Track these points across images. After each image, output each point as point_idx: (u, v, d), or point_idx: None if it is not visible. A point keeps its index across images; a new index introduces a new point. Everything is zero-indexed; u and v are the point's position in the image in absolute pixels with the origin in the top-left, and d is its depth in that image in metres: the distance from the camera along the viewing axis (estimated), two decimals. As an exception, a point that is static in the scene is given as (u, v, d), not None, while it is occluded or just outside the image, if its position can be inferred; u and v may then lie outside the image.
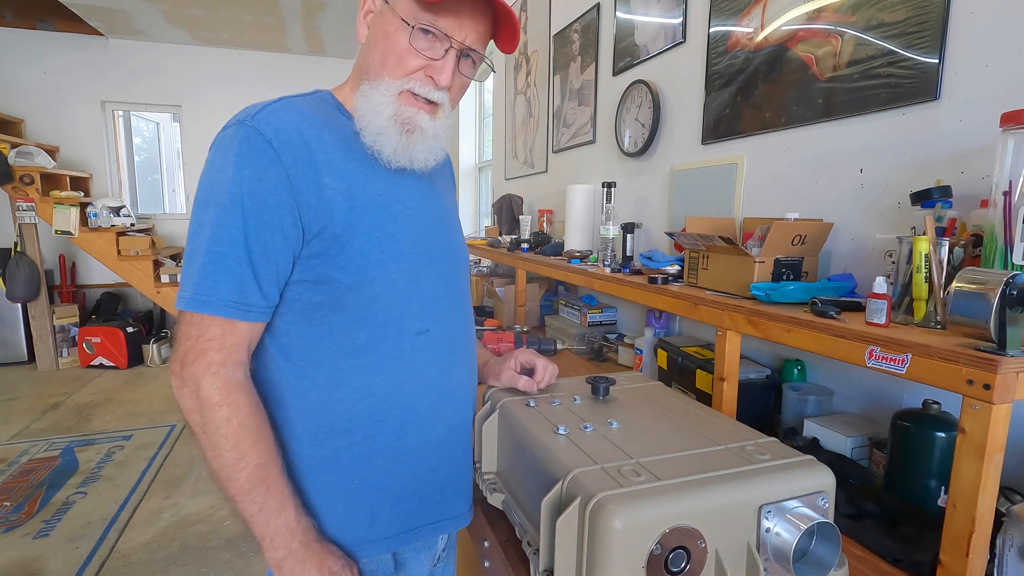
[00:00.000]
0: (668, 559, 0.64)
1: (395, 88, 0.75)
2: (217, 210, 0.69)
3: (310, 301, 0.75)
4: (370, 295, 0.76)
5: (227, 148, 0.70)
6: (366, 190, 0.76)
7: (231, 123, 0.72)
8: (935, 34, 1.10)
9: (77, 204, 4.82)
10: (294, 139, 0.71)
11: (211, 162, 0.72)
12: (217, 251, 0.68)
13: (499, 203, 3.45)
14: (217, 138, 0.73)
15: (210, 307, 0.68)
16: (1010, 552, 0.77)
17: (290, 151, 0.70)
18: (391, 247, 0.77)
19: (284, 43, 5.73)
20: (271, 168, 0.69)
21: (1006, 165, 0.82)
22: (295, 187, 0.70)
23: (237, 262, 0.69)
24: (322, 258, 0.73)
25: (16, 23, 5.25)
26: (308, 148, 0.72)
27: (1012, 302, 0.68)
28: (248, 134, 0.70)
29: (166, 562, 2.26)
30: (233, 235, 0.68)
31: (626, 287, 1.59)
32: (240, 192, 0.68)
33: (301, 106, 0.75)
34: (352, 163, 0.76)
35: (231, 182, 0.68)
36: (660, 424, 0.88)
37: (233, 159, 0.69)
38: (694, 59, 1.83)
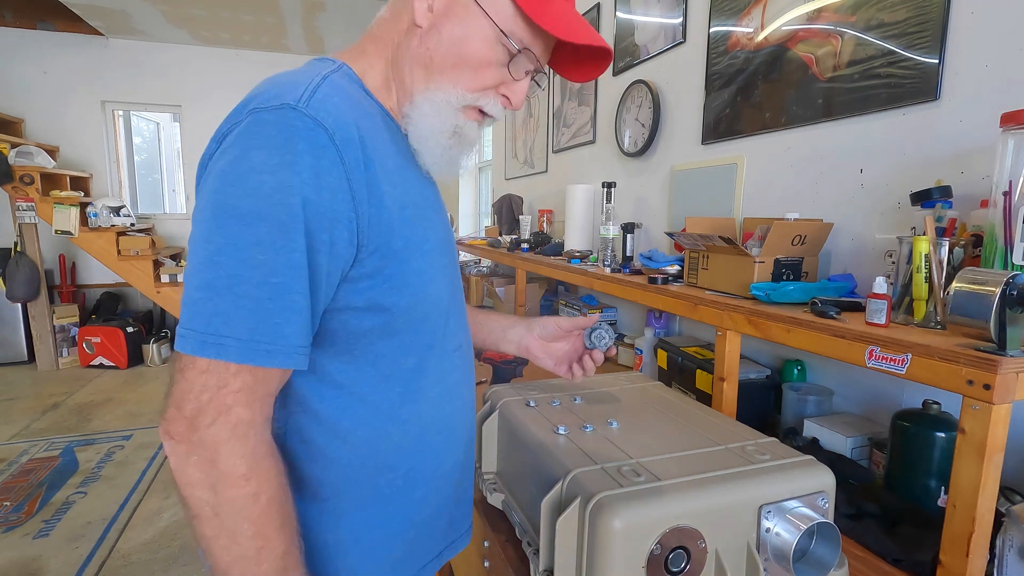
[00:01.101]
0: (668, 559, 0.64)
1: (466, 101, 0.64)
2: (270, 226, 0.51)
3: (356, 329, 0.61)
4: (421, 316, 0.66)
5: (274, 141, 0.52)
6: (410, 195, 0.63)
7: (269, 106, 0.54)
8: (935, 34, 1.10)
9: (77, 204, 4.82)
10: (353, 135, 0.56)
11: (244, 157, 0.52)
12: (277, 283, 0.51)
13: (499, 203, 3.45)
14: (249, 123, 0.54)
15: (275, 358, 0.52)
16: (1010, 552, 0.77)
17: (351, 150, 0.55)
18: (438, 260, 0.67)
19: (284, 43, 5.73)
20: (333, 174, 0.54)
21: (1006, 165, 0.82)
22: (356, 196, 0.56)
23: (303, 296, 0.53)
24: (375, 279, 0.60)
25: (16, 23, 5.25)
26: (364, 146, 0.57)
27: (1012, 302, 0.68)
28: (306, 127, 0.53)
29: (166, 562, 2.26)
30: (296, 260, 0.52)
31: (626, 287, 1.59)
32: (300, 203, 0.52)
33: (345, 87, 0.60)
34: (396, 159, 0.63)
35: (285, 189, 0.51)
36: (660, 424, 0.88)
37: (289, 157, 0.52)
38: (694, 59, 1.83)
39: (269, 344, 0.52)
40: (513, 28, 0.62)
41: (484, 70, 0.64)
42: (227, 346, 0.50)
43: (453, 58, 0.63)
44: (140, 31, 5.35)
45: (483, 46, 0.63)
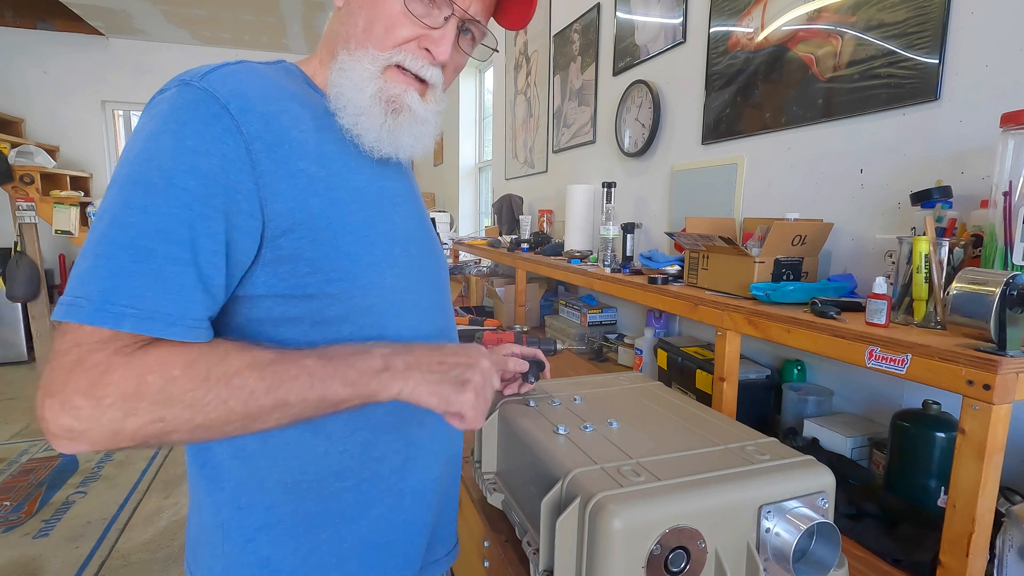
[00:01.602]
0: (668, 559, 0.64)
1: (381, 61, 0.62)
2: (145, 190, 0.50)
3: (282, 316, 0.59)
4: (362, 307, 0.62)
5: (165, 113, 0.53)
6: (348, 180, 0.61)
7: (172, 83, 0.55)
8: (935, 34, 1.10)
9: (77, 204, 4.83)
10: (259, 107, 0.55)
11: (141, 129, 0.54)
12: (143, 246, 0.49)
13: (499, 203, 3.45)
14: (152, 101, 0.55)
15: (127, 322, 0.47)
16: (1010, 552, 0.77)
17: (254, 121, 0.54)
18: (384, 248, 0.63)
19: (284, 43, 5.73)
20: (227, 139, 0.53)
21: (1006, 165, 0.82)
22: (258, 167, 0.54)
23: (173, 262, 0.50)
24: (297, 263, 0.57)
25: (16, 23, 5.25)
26: (278, 121, 0.56)
27: (1012, 302, 0.68)
28: (197, 97, 0.53)
29: (166, 562, 2.26)
30: (167, 225, 0.50)
31: (626, 287, 1.59)
32: (180, 169, 0.51)
33: (266, 71, 0.61)
34: (330, 146, 0.61)
35: (168, 156, 0.51)
36: (660, 424, 0.88)
37: (174, 127, 0.52)
38: (694, 59, 1.83)
39: (124, 306, 0.48)
40: None
41: (397, 25, 0.61)
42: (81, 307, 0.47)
43: (363, 20, 0.62)
44: (140, 31, 5.35)
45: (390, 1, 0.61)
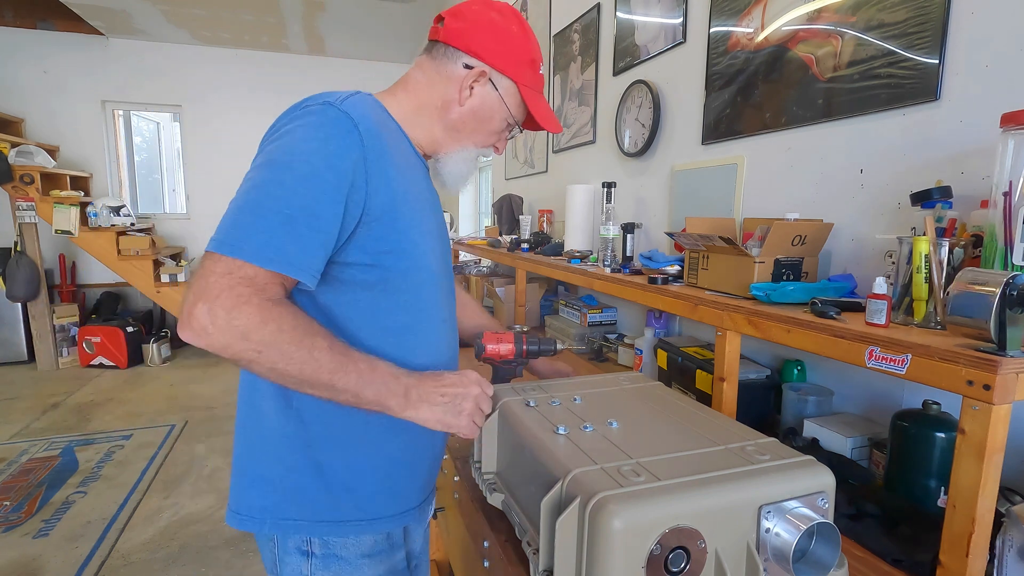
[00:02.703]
0: (668, 559, 0.64)
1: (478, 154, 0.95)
2: (296, 175, 0.70)
3: (363, 282, 0.79)
4: (417, 282, 0.84)
5: (314, 123, 0.74)
6: (413, 187, 0.84)
7: (316, 102, 0.76)
8: (935, 34, 1.10)
9: (77, 204, 4.83)
10: (373, 129, 0.77)
11: (292, 132, 0.74)
12: (289, 215, 0.68)
13: (499, 203, 3.45)
14: (297, 113, 0.76)
15: (275, 264, 0.67)
16: (1010, 552, 0.77)
17: (370, 138, 0.76)
18: (431, 242, 0.86)
19: (284, 43, 5.73)
20: (355, 149, 0.74)
21: (1006, 165, 0.82)
22: (369, 171, 0.75)
23: (308, 228, 0.70)
24: (380, 242, 0.78)
25: (16, 23, 5.25)
26: (381, 140, 0.78)
27: (1012, 303, 0.68)
28: (339, 116, 0.74)
29: (166, 562, 2.26)
30: (308, 203, 0.69)
31: (626, 287, 1.59)
32: (325, 165, 0.71)
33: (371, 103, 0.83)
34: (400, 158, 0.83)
35: (317, 155, 0.71)
36: (660, 424, 0.88)
37: (322, 133, 0.73)
38: (694, 59, 1.83)
39: (272, 254, 0.67)
40: (518, 114, 0.93)
41: (492, 136, 0.94)
42: (234, 246, 0.66)
43: (478, 128, 0.92)
44: (140, 31, 5.35)
45: (499, 123, 0.93)
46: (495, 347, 1.09)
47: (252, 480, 0.83)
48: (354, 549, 0.83)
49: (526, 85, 0.91)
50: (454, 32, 0.87)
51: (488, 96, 0.90)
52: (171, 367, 5.07)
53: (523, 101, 0.92)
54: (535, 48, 0.93)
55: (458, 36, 0.87)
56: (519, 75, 0.90)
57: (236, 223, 0.68)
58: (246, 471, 0.84)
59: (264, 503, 0.81)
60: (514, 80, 0.90)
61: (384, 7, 4.79)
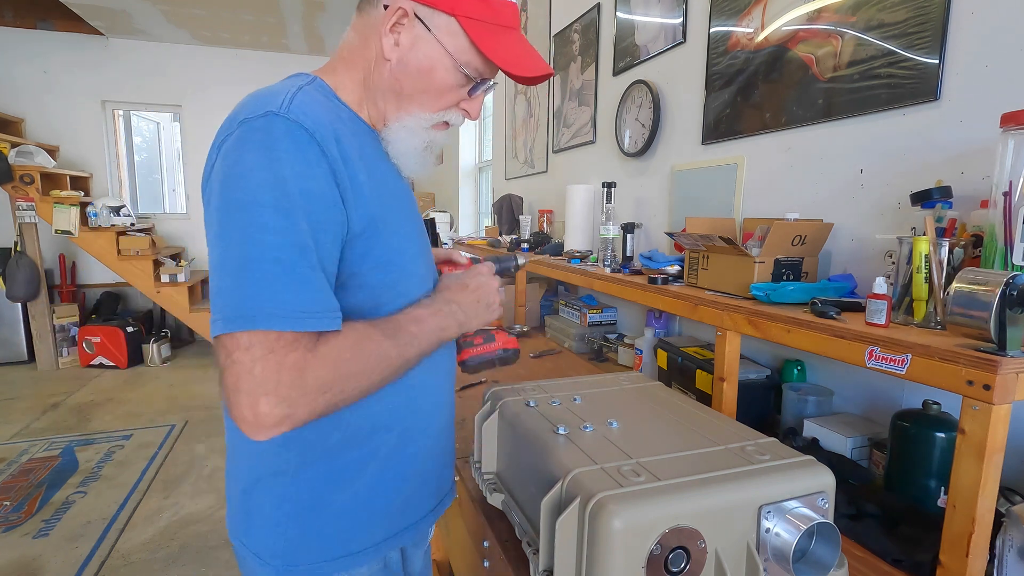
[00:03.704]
0: (668, 559, 0.64)
1: (431, 121, 0.76)
2: (270, 213, 0.58)
3: (350, 303, 0.69)
4: (404, 292, 0.75)
5: (263, 143, 0.60)
6: (387, 183, 0.74)
7: (256, 115, 0.62)
8: (935, 34, 1.10)
9: (77, 204, 4.82)
10: (330, 132, 0.64)
11: (240, 161, 0.60)
12: (286, 259, 0.58)
13: (499, 203, 3.45)
14: (240, 132, 0.62)
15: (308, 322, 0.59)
16: (1010, 552, 0.77)
17: (329, 145, 0.64)
18: (414, 241, 0.78)
19: (284, 43, 5.73)
20: (320, 163, 0.62)
21: (1006, 165, 0.82)
22: (340, 184, 0.65)
23: (311, 268, 0.60)
24: (365, 259, 0.69)
25: (16, 23, 5.25)
26: (339, 141, 0.65)
27: (1012, 302, 0.68)
28: (289, 127, 0.61)
29: (166, 562, 2.26)
30: (300, 240, 0.60)
31: (626, 287, 1.59)
32: (295, 191, 0.60)
33: (317, 96, 0.69)
34: (369, 150, 0.72)
35: (279, 180, 0.59)
36: (660, 424, 0.88)
37: (277, 155, 0.60)
38: (694, 59, 1.83)
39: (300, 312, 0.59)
40: (469, 59, 0.72)
41: (446, 94, 0.74)
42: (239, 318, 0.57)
43: (420, 86, 0.73)
44: (140, 31, 5.35)
45: (445, 75, 0.72)
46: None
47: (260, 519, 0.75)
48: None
49: (471, 17, 0.69)
50: None
51: (420, 40, 0.70)
52: (171, 367, 5.07)
53: (472, 43, 0.70)
54: None
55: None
56: (456, 4, 0.69)
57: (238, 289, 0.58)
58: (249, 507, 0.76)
59: (275, 548, 0.74)
60: (451, 13, 0.69)
61: (384, 7, 4.79)
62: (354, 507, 0.76)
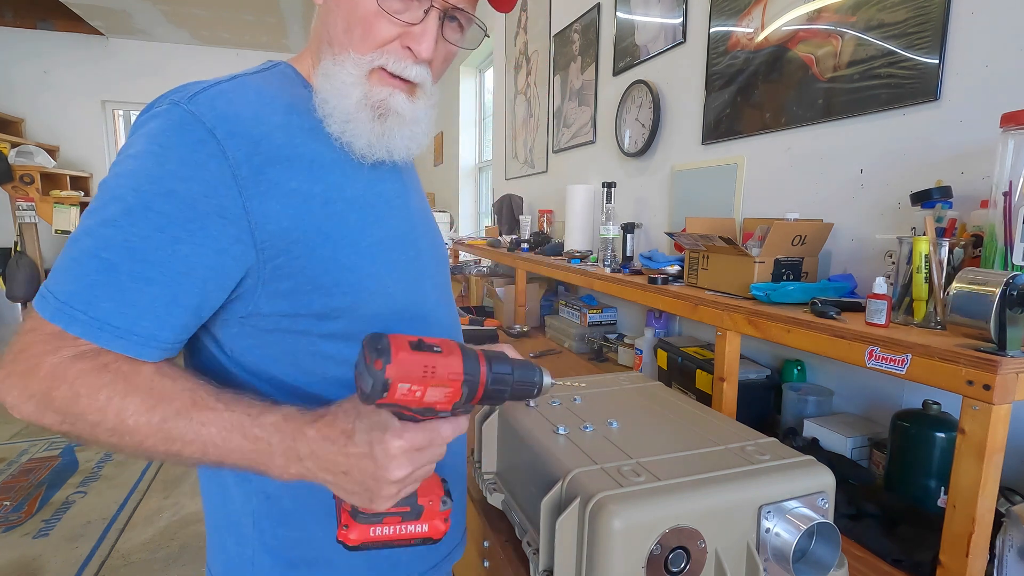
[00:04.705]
0: (668, 559, 0.64)
1: (364, 65, 0.60)
2: (122, 207, 0.52)
3: (290, 329, 0.60)
4: (367, 315, 0.62)
5: (153, 133, 0.54)
6: (343, 191, 0.61)
7: (162, 100, 0.56)
8: (935, 34, 1.10)
9: (77, 204, 4.83)
10: (250, 129, 0.55)
11: (127, 146, 0.55)
12: (108, 259, 0.51)
13: (499, 203, 3.45)
14: (143, 116, 0.57)
15: (77, 326, 0.50)
16: (1010, 552, 0.77)
17: (241, 144, 0.54)
18: (384, 256, 0.64)
19: (284, 43, 5.73)
20: (210, 165, 0.53)
21: (1006, 165, 0.82)
22: (245, 191, 0.54)
23: (134, 279, 0.51)
24: (298, 280, 0.58)
25: (16, 23, 5.25)
26: (269, 141, 0.56)
27: (1012, 302, 0.68)
28: (182, 120, 0.53)
29: (166, 562, 2.26)
30: (136, 245, 0.51)
31: (626, 287, 1.59)
32: (157, 191, 0.52)
33: (260, 84, 0.61)
34: (327, 154, 0.61)
35: (147, 177, 0.52)
36: (660, 424, 0.88)
37: (157, 149, 0.53)
38: (694, 59, 1.83)
39: (79, 311, 0.50)
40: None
41: (375, 25, 0.59)
42: (48, 303, 0.51)
43: (342, 21, 0.60)
44: (140, 31, 5.35)
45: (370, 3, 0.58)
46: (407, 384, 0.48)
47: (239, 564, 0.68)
48: None
49: None
50: None
51: None
52: (171, 367, 5.07)
53: None
54: None
55: None
56: None
57: (56, 269, 0.52)
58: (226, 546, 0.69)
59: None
60: None
61: (384, 7, 4.79)
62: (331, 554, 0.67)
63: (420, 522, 0.55)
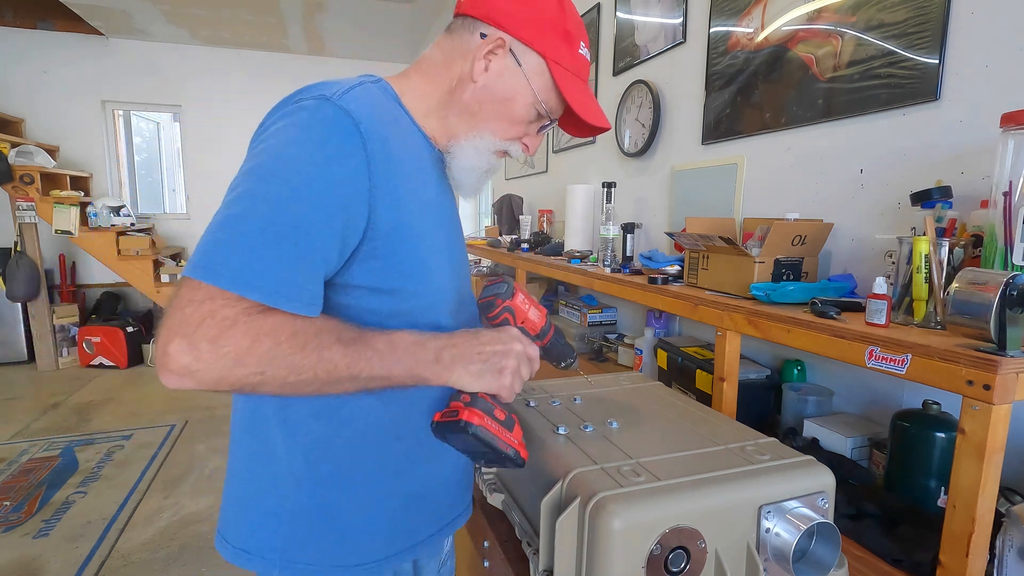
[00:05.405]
0: (668, 559, 0.64)
1: (497, 147, 0.78)
2: (284, 187, 0.60)
3: (367, 307, 0.69)
4: (424, 305, 0.73)
5: (307, 122, 0.63)
6: (424, 194, 0.73)
7: (310, 96, 0.65)
8: (935, 34, 1.10)
9: (77, 204, 4.82)
10: (378, 130, 0.66)
11: (282, 132, 0.63)
12: (276, 232, 0.58)
13: (499, 203, 3.45)
14: (291, 109, 0.65)
15: (258, 292, 0.57)
16: (1010, 552, 0.77)
17: (374, 141, 0.65)
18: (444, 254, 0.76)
19: (284, 43, 5.72)
20: (355, 155, 0.63)
21: (1006, 165, 0.82)
22: (373, 180, 0.65)
23: (297, 247, 0.60)
24: (387, 262, 0.68)
25: (16, 23, 5.25)
26: (387, 141, 0.67)
27: (1012, 302, 0.68)
28: (336, 114, 0.63)
29: (166, 562, 2.26)
30: (297, 220, 0.60)
31: (626, 287, 1.59)
32: (317, 175, 0.61)
33: (375, 96, 0.71)
34: (412, 164, 0.72)
35: (309, 161, 0.61)
36: (660, 424, 0.88)
37: (315, 136, 0.62)
38: (694, 59, 1.83)
39: (256, 280, 0.57)
40: (547, 99, 0.77)
41: (517, 125, 0.78)
42: (222, 274, 0.57)
43: (497, 112, 0.76)
44: (140, 31, 5.35)
45: (523, 108, 0.76)
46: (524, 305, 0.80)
47: (260, 516, 0.75)
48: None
49: (558, 62, 0.75)
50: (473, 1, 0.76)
51: (508, 71, 0.74)
52: (171, 367, 5.06)
53: (554, 82, 0.75)
54: (572, 21, 0.76)
55: (478, 3, 0.75)
56: (549, 48, 0.74)
57: (216, 243, 0.58)
58: (249, 505, 0.76)
59: (274, 543, 0.73)
60: (542, 55, 0.74)
61: (384, 7, 4.79)
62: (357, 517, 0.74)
63: (512, 435, 0.69)
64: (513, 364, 0.69)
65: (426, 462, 0.78)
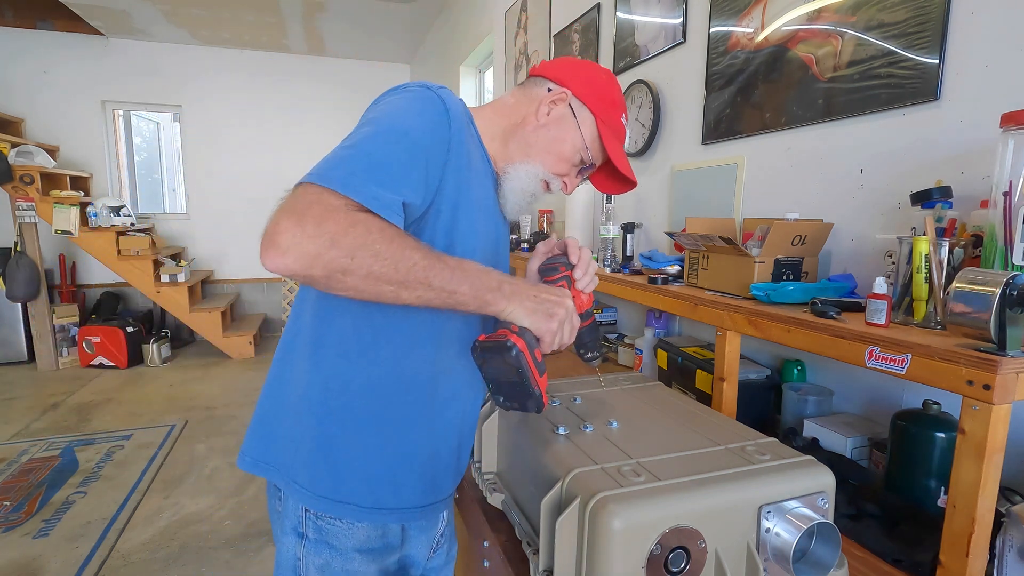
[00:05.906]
0: (668, 559, 0.64)
1: (543, 176, 0.91)
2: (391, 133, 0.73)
3: None
4: None
5: (414, 97, 0.79)
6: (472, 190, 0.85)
7: (415, 85, 0.82)
8: (935, 34, 1.10)
9: (77, 204, 4.82)
10: (457, 120, 0.81)
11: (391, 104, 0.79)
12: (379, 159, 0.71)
13: (499, 203, 3.45)
14: (399, 88, 0.82)
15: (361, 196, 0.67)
16: (1010, 552, 0.77)
17: (456, 127, 0.80)
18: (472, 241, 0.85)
19: (284, 43, 5.72)
20: (442, 130, 0.78)
21: (1006, 165, 0.82)
22: (449, 155, 0.78)
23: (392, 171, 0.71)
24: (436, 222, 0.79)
25: (16, 23, 5.25)
26: (463, 134, 0.81)
27: (1012, 302, 0.68)
28: (435, 99, 0.79)
29: (166, 562, 2.26)
30: (397, 156, 0.72)
31: (626, 287, 1.59)
32: (420, 130, 0.75)
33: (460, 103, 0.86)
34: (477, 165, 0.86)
35: (416, 118, 0.76)
36: (660, 424, 0.88)
37: (419, 106, 0.78)
38: (694, 59, 1.83)
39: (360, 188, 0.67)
40: (592, 148, 0.92)
41: (563, 163, 0.92)
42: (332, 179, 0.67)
43: (549, 147, 0.91)
44: (140, 31, 5.35)
45: (570, 150, 0.91)
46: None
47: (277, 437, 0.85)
48: (347, 539, 0.83)
49: (605, 122, 0.91)
50: (546, 66, 0.95)
51: (565, 118, 0.91)
52: (171, 367, 5.07)
53: (599, 137, 0.92)
54: (619, 96, 0.94)
55: (549, 68, 0.95)
56: (599, 109, 0.91)
57: (327, 163, 0.69)
58: (269, 424, 0.87)
59: (282, 459, 0.84)
60: (593, 113, 0.91)
61: (384, 7, 4.79)
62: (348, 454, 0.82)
63: (542, 380, 0.74)
64: (563, 314, 0.77)
65: (426, 428, 0.85)
